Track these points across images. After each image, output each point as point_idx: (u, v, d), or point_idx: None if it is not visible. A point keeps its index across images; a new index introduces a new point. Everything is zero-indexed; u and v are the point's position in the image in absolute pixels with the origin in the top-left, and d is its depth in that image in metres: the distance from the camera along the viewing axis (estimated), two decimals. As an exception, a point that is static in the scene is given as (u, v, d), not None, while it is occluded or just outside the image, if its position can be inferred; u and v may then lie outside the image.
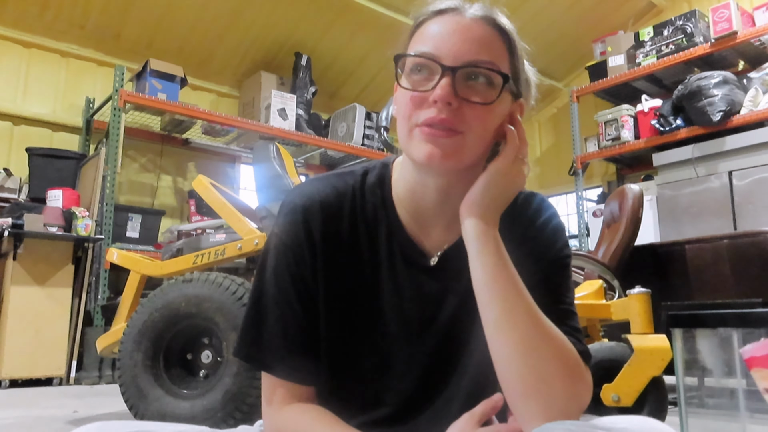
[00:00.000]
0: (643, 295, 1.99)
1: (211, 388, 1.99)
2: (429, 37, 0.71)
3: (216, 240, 2.45)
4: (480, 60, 0.69)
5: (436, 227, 0.77)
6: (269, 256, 0.77)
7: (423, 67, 0.70)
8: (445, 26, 0.71)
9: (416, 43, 0.72)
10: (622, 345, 1.99)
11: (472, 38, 0.70)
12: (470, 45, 0.69)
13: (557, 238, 0.80)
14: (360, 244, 0.77)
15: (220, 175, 5.29)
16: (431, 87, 0.68)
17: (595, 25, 5.72)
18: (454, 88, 0.68)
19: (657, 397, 1.90)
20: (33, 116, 4.47)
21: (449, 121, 0.68)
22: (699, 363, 1.16)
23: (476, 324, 0.71)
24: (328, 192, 0.77)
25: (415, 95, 0.70)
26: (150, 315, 2.10)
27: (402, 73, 0.72)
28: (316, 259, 0.75)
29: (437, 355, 0.76)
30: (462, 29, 0.70)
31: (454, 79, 0.68)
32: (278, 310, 0.76)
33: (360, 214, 0.77)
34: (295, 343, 0.75)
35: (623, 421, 0.66)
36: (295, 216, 0.76)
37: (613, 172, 6.02)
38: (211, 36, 5.04)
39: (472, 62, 0.69)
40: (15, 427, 2.26)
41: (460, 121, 0.68)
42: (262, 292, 0.77)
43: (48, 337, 3.61)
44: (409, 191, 0.77)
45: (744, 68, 4.97)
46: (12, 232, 3.51)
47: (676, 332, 1.20)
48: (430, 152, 0.68)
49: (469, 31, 0.70)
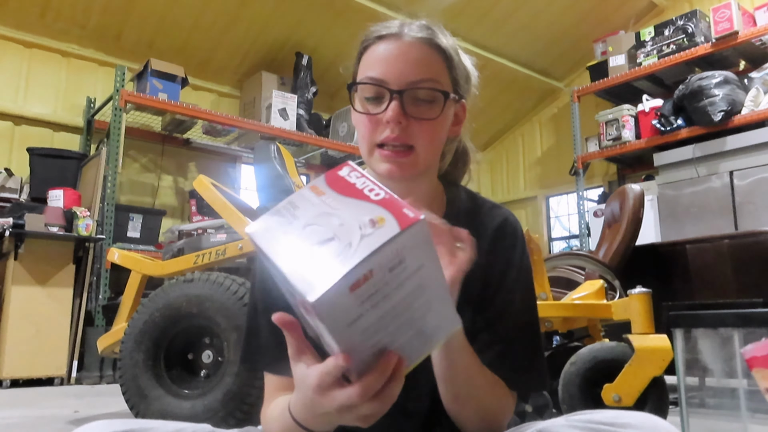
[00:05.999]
0: (643, 295, 1.99)
1: (212, 388, 1.99)
2: (375, 63, 0.78)
3: (217, 240, 2.45)
4: (422, 80, 0.77)
5: None
6: (258, 266, 0.85)
7: (373, 92, 0.77)
8: (388, 51, 0.78)
9: (364, 68, 0.79)
10: (623, 345, 1.99)
11: (413, 60, 0.77)
12: (412, 67, 0.77)
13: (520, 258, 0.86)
14: None
15: (221, 175, 5.29)
16: (383, 109, 0.76)
17: (595, 25, 5.72)
18: (403, 109, 0.76)
19: (658, 397, 1.90)
20: (34, 116, 4.47)
21: (401, 138, 0.76)
22: (700, 363, 1.16)
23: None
24: None
25: (371, 117, 0.77)
26: (151, 315, 2.10)
27: (356, 98, 0.80)
28: None
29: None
30: (403, 53, 0.77)
31: (402, 100, 0.76)
32: (267, 316, 0.79)
33: None
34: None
35: (625, 417, 0.66)
36: None
37: (614, 172, 6.01)
38: (212, 36, 5.04)
39: (415, 83, 0.76)
40: (16, 427, 2.26)
41: (410, 136, 0.76)
42: (254, 301, 0.84)
43: (49, 337, 3.61)
44: None
45: (745, 68, 4.97)
46: (13, 232, 3.52)
47: (677, 332, 1.20)
48: (389, 169, 0.77)
49: (410, 54, 0.77)
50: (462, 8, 5.26)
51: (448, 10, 5.14)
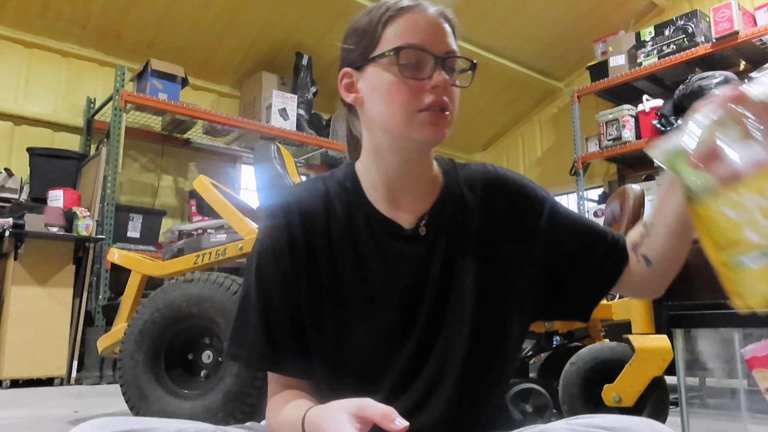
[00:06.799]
0: (644, 295, 1.99)
1: (212, 388, 1.99)
2: (412, 31, 0.78)
3: (217, 240, 2.45)
4: (453, 50, 0.80)
5: (410, 200, 0.84)
6: (253, 260, 0.83)
7: (415, 58, 0.77)
8: (423, 21, 0.79)
9: (397, 37, 0.78)
10: (623, 345, 1.99)
11: (444, 32, 0.80)
12: (445, 37, 0.79)
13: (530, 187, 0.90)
14: (340, 234, 0.82)
15: (221, 175, 5.28)
16: (428, 75, 0.77)
17: (596, 25, 5.72)
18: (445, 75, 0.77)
19: (658, 397, 1.90)
20: (34, 116, 4.47)
21: (446, 102, 0.77)
22: (700, 363, 1.16)
23: (463, 287, 0.79)
24: (304, 194, 0.85)
25: (412, 83, 0.77)
26: (151, 315, 2.10)
27: (383, 66, 0.78)
28: (297, 257, 0.81)
29: (427, 328, 0.79)
30: (436, 24, 0.79)
31: (443, 67, 0.78)
32: (260, 308, 0.80)
33: (335, 207, 0.83)
34: (279, 338, 0.80)
35: (625, 421, 0.66)
36: (276, 220, 0.83)
37: (614, 172, 6.01)
38: (212, 36, 5.04)
39: (451, 52, 0.79)
40: (16, 427, 2.26)
41: (448, 101, 0.78)
42: (246, 294, 0.83)
43: (49, 337, 3.61)
44: (383, 175, 0.83)
45: (745, 68, 4.96)
46: (13, 232, 3.52)
47: (677, 332, 1.20)
48: (434, 132, 0.77)
49: (440, 26, 0.80)
50: (462, 8, 5.24)
51: (448, 10, 5.14)
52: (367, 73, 0.80)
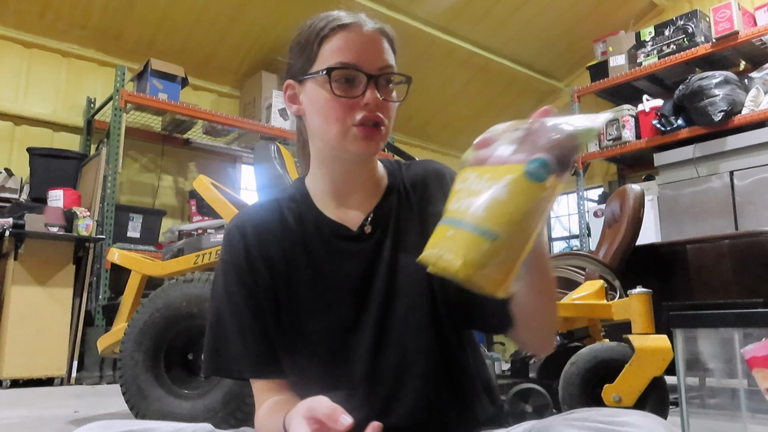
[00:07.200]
0: (644, 295, 1.99)
1: (212, 388, 1.99)
2: (346, 50, 0.81)
3: (217, 240, 2.45)
4: (387, 66, 0.83)
5: (356, 203, 0.89)
6: (219, 277, 0.88)
7: (349, 76, 0.81)
8: (357, 39, 0.82)
9: (332, 55, 0.82)
10: (623, 345, 1.99)
11: (379, 48, 0.83)
12: (380, 54, 0.83)
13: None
14: (294, 243, 0.87)
15: (221, 175, 5.28)
16: (361, 92, 0.80)
17: (596, 25, 5.72)
18: (377, 92, 0.81)
19: (658, 397, 1.90)
20: (34, 116, 4.47)
21: (379, 118, 0.81)
22: (700, 363, 1.16)
23: (409, 276, 0.83)
24: (257, 212, 0.91)
25: (346, 100, 0.81)
26: (151, 315, 2.10)
27: (318, 84, 0.82)
28: (254, 268, 0.86)
29: (381, 316, 0.83)
30: (370, 41, 0.83)
31: (376, 84, 0.81)
32: (233, 320, 0.86)
33: (288, 219, 0.89)
34: (254, 345, 0.85)
35: (623, 415, 0.67)
36: (233, 237, 0.88)
37: (614, 172, 6.01)
38: (212, 36, 5.04)
39: (384, 69, 0.82)
40: (16, 427, 2.26)
41: (382, 117, 0.82)
42: (218, 309, 0.88)
43: (49, 337, 3.61)
44: (329, 182, 0.88)
45: (745, 68, 4.97)
46: (13, 232, 3.52)
47: (677, 332, 1.20)
48: (367, 146, 0.82)
49: (375, 43, 0.83)
50: (462, 8, 5.26)
51: (448, 10, 5.14)
52: (306, 87, 0.85)
